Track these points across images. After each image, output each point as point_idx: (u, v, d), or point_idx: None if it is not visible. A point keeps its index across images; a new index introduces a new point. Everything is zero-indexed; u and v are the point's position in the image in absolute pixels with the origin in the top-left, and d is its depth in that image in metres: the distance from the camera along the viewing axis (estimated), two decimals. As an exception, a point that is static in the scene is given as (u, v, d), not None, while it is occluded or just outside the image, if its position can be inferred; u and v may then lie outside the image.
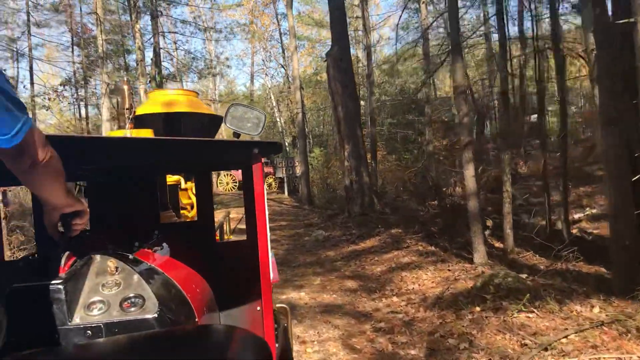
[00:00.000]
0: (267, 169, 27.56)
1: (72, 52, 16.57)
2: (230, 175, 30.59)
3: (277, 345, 2.28)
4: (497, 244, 8.63)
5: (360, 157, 14.27)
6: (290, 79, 32.69)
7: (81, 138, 2.17)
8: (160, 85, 19.25)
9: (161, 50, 19.42)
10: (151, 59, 17.03)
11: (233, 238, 8.44)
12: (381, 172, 20.09)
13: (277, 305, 2.68)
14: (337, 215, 15.09)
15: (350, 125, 14.13)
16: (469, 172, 7.68)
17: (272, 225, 11.58)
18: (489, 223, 8.79)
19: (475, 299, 5.94)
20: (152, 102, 3.70)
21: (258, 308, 2.42)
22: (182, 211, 5.69)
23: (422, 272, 7.68)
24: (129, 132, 2.45)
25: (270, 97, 35.96)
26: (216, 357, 1.33)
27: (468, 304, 5.87)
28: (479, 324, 5.33)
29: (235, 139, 2.22)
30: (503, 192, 7.89)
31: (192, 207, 6.06)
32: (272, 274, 2.15)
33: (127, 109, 2.63)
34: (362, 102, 24.60)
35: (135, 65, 15.99)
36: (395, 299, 6.73)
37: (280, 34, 32.67)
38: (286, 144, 34.63)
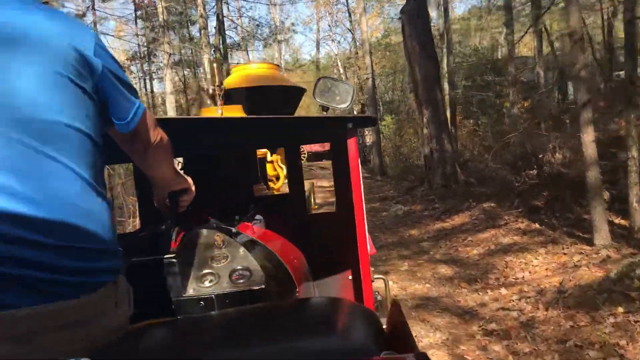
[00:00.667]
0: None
1: (136, 24, 16.04)
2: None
3: None
4: (618, 221, 7.25)
5: (441, 123, 12.97)
6: (358, 43, 31.29)
7: (187, 119, 2.28)
8: (224, 56, 18.50)
9: (225, 19, 18.62)
10: (214, 28, 16.27)
11: (318, 210, 8.12)
12: (460, 138, 18.64)
13: (375, 276, 2.59)
14: (415, 187, 13.92)
15: (428, 89, 12.82)
16: (588, 136, 6.34)
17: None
18: (606, 196, 7.40)
19: (613, 295, 4.73)
20: (237, 77, 3.97)
21: (349, 277, 2.47)
22: (269, 183, 5.67)
23: (531, 256, 6.47)
24: (220, 109, 2.55)
25: (337, 64, 34.71)
26: (335, 328, 1.33)
27: (605, 301, 4.67)
28: (627, 330, 4.15)
29: (331, 115, 2.23)
30: (628, 159, 6.49)
31: (277, 179, 6.31)
32: (369, 247, 2.14)
33: (217, 86, 2.70)
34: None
35: (199, 35, 15.23)
36: (503, 290, 5.60)
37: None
38: (354, 112, 33.46)
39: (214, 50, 15.55)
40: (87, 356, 1.05)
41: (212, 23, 18.28)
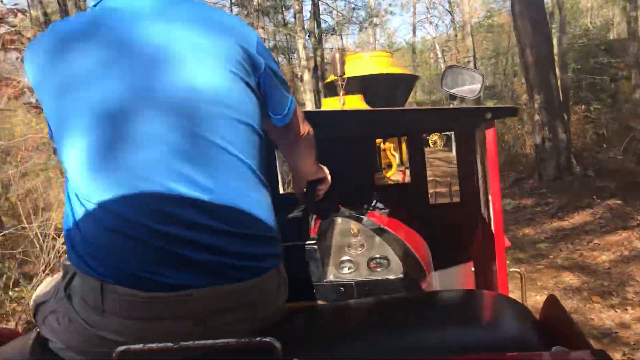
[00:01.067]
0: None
1: (231, 9, 15.95)
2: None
3: None
4: None
5: (554, 109, 11.79)
6: (457, 25, 29.87)
7: (331, 112, 2.29)
8: (319, 40, 18.09)
9: (320, 3, 18.20)
10: (309, 12, 15.87)
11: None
12: (570, 126, 17.11)
13: (510, 269, 2.39)
14: (524, 179, 12.83)
15: (541, 72, 11.68)
16: None
17: (443, 190, 9.89)
18: None
19: None
20: (352, 66, 3.76)
21: (472, 269, 2.52)
22: (382, 171, 5.60)
23: (679, 267, 5.50)
24: (342, 99, 2.63)
25: (435, 47, 33.43)
26: (497, 321, 1.29)
27: None
28: None
29: (452, 105, 2.22)
30: None
31: (389, 167, 6.30)
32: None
33: (340, 77, 2.67)
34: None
35: (293, 20, 14.89)
36: (647, 309, 4.72)
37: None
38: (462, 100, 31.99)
39: (308, 35, 15.17)
40: (252, 337, 1.00)
41: (308, 7, 17.95)
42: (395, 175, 7.73)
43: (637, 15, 15.93)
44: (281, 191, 3.38)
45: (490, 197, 2.01)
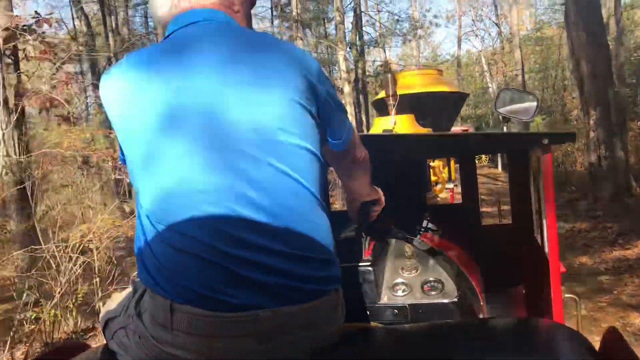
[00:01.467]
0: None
1: (272, 22, 15.72)
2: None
3: None
4: None
5: (612, 126, 10.99)
6: (504, 38, 28.97)
7: (384, 136, 2.26)
8: (361, 52, 17.66)
9: (362, 14, 17.77)
10: (351, 23, 15.44)
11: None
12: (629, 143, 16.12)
13: (565, 295, 2.33)
14: (577, 200, 11.99)
15: (597, 85, 10.91)
16: None
17: (488, 210, 9.21)
18: None
19: None
20: (402, 83, 3.76)
21: (524, 296, 2.47)
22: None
23: None
24: (393, 119, 2.62)
25: (481, 61, 32.57)
26: (548, 353, 1.23)
27: None
28: None
29: (506, 127, 2.24)
30: None
31: (437, 184, 6.34)
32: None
33: (391, 96, 2.71)
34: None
35: (335, 31, 14.51)
36: None
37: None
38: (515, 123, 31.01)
39: (349, 47, 14.74)
40: (311, 356, 1.15)
41: (350, 19, 17.57)
42: (444, 192, 7.75)
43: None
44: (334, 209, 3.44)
45: (545, 220, 1.99)
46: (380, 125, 3.12)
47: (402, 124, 2.89)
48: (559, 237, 7.65)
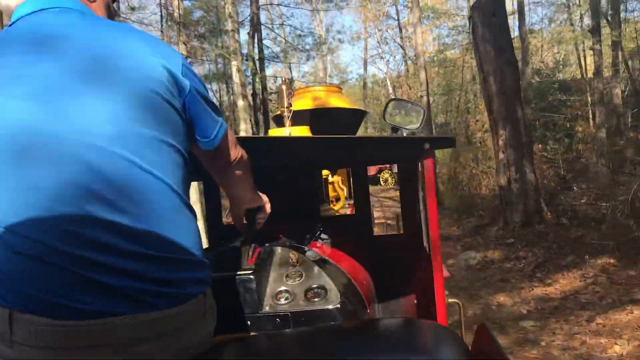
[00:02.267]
0: (384, 163, 24.15)
1: (162, 32, 14.01)
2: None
3: None
4: None
5: (522, 146, 10.31)
6: (409, 60, 28.79)
7: (266, 138, 2.30)
8: (261, 68, 16.39)
9: (262, 27, 16.55)
10: (248, 33, 14.04)
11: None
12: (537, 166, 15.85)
13: (449, 300, 2.34)
14: (486, 226, 11.23)
15: (507, 103, 10.21)
16: None
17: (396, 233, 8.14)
18: None
19: None
20: (301, 98, 4.03)
21: (415, 301, 2.50)
22: (330, 204, 5.58)
23: None
24: (288, 130, 2.57)
25: (387, 84, 32.36)
26: (422, 352, 1.29)
27: None
28: None
29: (406, 136, 2.25)
30: None
31: (337, 200, 6.18)
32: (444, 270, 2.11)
33: (286, 108, 2.72)
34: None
35: (227, 40, 13.08)
36: None
37: (397, 12, 28.89)
38: (404, 134, 30.80)
39: (246, 60, 13.40)
40: None
41: (248, 30, 16.25)
42: (344, 208, 7.68)
43: (601, 48, 14.92)
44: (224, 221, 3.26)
45: (428, 227, 2.02)
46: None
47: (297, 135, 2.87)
48: (472, 270, 6.22)
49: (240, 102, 11.52)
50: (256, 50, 16.36)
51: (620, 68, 17.09)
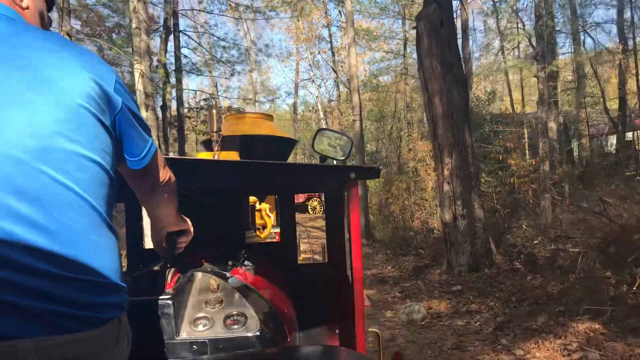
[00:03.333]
0: (312, 191, 22.75)
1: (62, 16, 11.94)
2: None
3: None
4: None
5: (470, 177, 8.98)
6: (341, 86, 27.59)
7: (194, 161, 2.31)
8: (178, 79, 14.49)
9: (181, 34, 14.69)
10: (160, 36, 12.14)
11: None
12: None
13: (369, 329, 2.46)
14: (427, 267, 9.76)
15: (454, 127, 8.88)
16: None
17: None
18: None
19: None
20: (231, 125, 4.25)
21: (337, 331, 2.57)
22: (256, 231, 5.42)
23: None
24: (217, 154, 2.68)
25: (318, 108, 31.06)
26: None
27: None
28: None
29: (332, 164, 2.33)
30: None
31: (264, 228, 6.37)
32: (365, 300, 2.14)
33: (215, 132, 2.76)
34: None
35: (130, 42, 11.11)
36: None
37: (330, 35, 27.75)
38: (334, 162, 29.49)
39: (156, 66, 11.51)
40: None
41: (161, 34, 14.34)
42: (270, 237, 7.33)
43: (545, 70, 14.10)
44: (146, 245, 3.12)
45: (351, 256, 2.04)
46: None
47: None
48: (417, 327, 6.20)
49: (144, 113, 9.61)
50: (173, 60, 14.48)
51: (559, 100, 16.51)
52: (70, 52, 1.15)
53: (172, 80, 14.02)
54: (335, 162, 2.37)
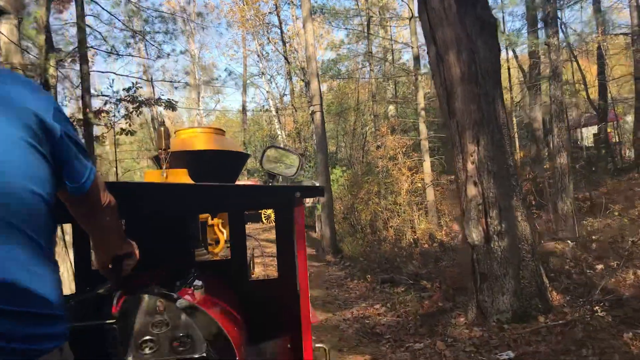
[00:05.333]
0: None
1: None
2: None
3: None
4: None
5: (509, 173, 5.85)
6: (294, 77, 24.22)
7: (135, 184, 2.34)
8: (82, 56, 10.87)
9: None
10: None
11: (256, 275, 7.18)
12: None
13: (316, 345, 2.41)
14: (443, 313, 6.54)
15: (481, 95, 5.74)
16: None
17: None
18: None
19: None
20: (181, 140, 4.18)
21: (289, 346, 2.54)
22: (209, 247, 5.46)
23: None
24: (165, 172, 2.74)
25: (269, 105, 27.65)
26: None
27: None
28: None
29: (278, 184, 2.43)
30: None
31: (217, 243, 6.03)
32: (311, 315, 2.18)
33: (163, 150, 2.80)
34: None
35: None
36: None
37: (280, 22, 24.35)
38: (299, 179, 26.12)
39: (50, 52, 7.96)
40: None
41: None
42: (224, 251, 6.17)
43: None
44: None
45: (297, 272, 2.16)
46: (151, 178, 3.11)
47: (174, 178, 2.90)
48: None
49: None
50: (75, 32, 10.87)
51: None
52: (12, 84, 1.17)
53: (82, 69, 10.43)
54: (288, 178, 2.49)
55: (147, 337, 1.86)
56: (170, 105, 13.73)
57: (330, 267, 13.27)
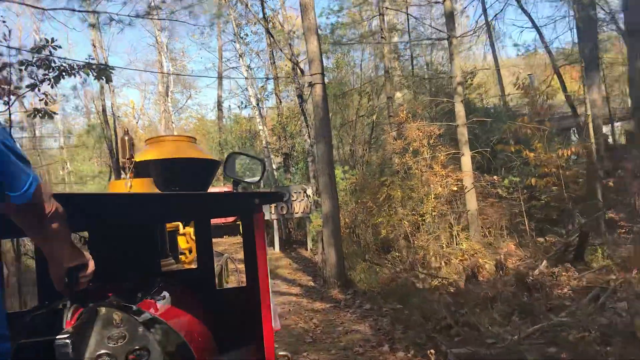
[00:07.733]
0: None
1: None
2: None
3: None
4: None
5: None
6: (277, 58, 19.44)
7: (88, 195, 2.23)
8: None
9: None
10: None
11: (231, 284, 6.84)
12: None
13: (280, 352, 2.46)
14: None
15: None
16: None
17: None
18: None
19: None
20: (150, 149, 3.94)
21: (254, 350, 2.51)
22: (180, 256, 5.42)
23: None
24: (129, 182, 2.61)
25: (247, 95, 22.94)
26: None
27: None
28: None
29: (236, 190, 2.37)
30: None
31: (190, 252, 6.13)
32: (274, 322, 2.14)
33: (127, 159, 2.68)
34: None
35: None
36: None
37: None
38: (274, 166, 21.36)
39: None
40: None
41: None
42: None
43: None
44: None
45: (258, 279, 2.14)
46: (115, 188, 2.95)
47: (139, 188, 2.76)
48: None
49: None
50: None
51: None
52: None
53: None
54: (253, 185, 2.34)
55: (103, 351, 1.78)
56: (104, 75, 9.56)
57: (342, 312, 8.50)
